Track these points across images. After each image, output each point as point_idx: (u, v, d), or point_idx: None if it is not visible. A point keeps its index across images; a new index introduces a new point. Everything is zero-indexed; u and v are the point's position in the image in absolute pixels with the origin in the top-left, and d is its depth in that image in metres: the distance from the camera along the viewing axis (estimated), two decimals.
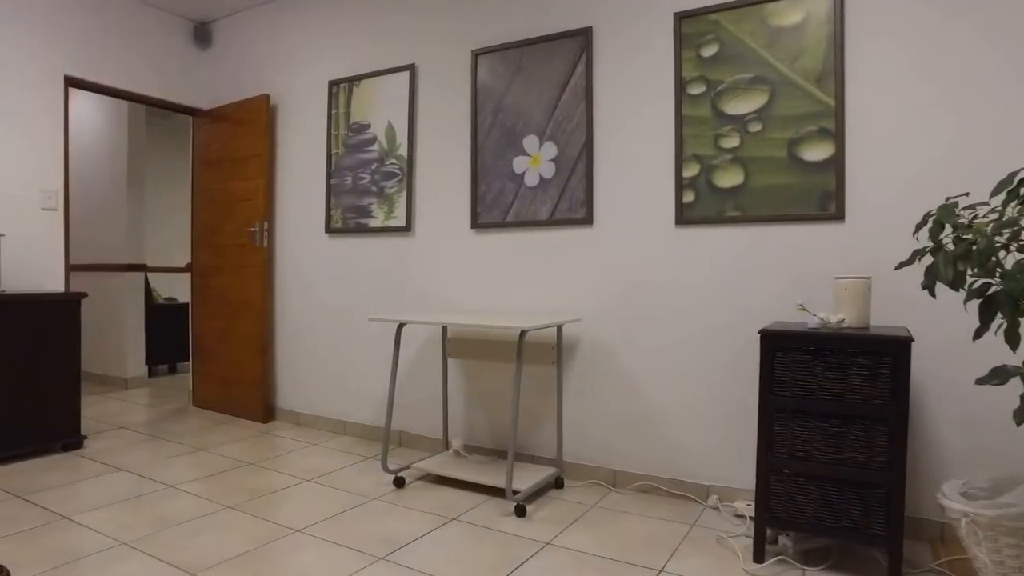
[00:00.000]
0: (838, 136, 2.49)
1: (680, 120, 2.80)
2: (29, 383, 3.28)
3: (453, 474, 2.89)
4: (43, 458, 3.29)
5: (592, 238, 3.03)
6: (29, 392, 3.28)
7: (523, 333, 2.62)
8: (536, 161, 3.15)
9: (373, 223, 3.69)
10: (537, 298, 3.18)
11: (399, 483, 2.94)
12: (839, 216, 2.50)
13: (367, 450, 3.52)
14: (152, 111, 6.77)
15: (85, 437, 3.53)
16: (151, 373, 5.83)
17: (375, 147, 3.68)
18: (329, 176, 3.88)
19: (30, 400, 3.28)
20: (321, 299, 3.96)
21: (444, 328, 3.34)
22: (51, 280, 3.74)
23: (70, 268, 3.85)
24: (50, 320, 3.35)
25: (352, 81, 3.78)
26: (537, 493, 2.86)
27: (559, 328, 3.03)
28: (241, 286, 4.18)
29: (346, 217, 3.80)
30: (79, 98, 5.64)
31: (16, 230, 3.62)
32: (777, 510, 2.16)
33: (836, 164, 2.49)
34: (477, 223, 3.33)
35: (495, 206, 3.28)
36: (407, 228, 3.56)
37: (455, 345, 3.30)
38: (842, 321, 2.16)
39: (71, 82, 3.89)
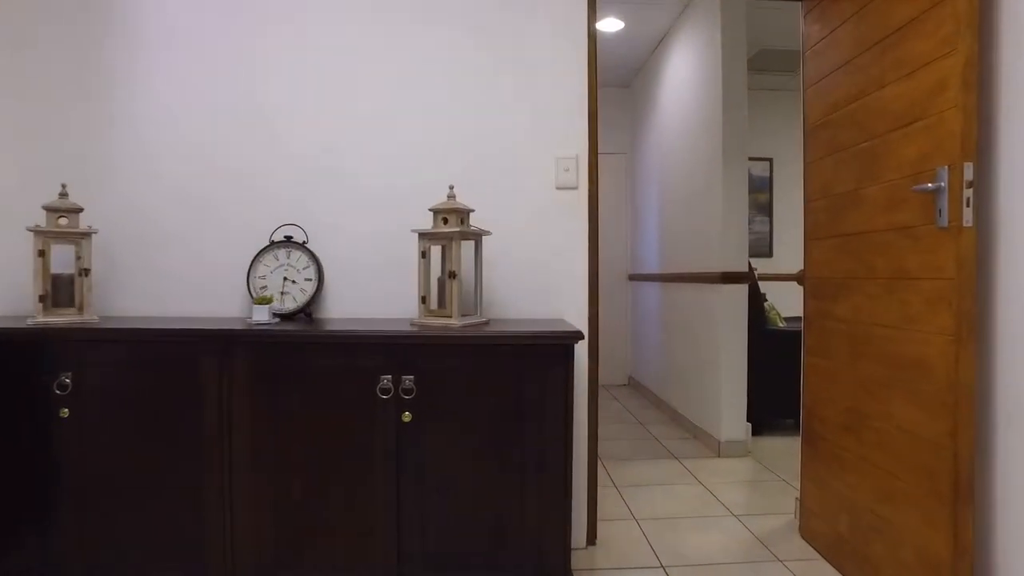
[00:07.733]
0: None
1: None
2: (493, 480, 1.89)
3: None
4: None
5: None
6: (491, 493, 1.89)
7: None
8: None
9: None
10: None
11: None
12: None
13: None
14: (755, 63, 5.05)
15: None
16: (757, 430, 4.05)
17: None
18: None
19: (493, 504, 1.89)
20: None
21: None
22: (567, 298, 2.35)
23: (596, 279, 2.37)
24: (530, 376, 1.89)
25: None
26: None
27: None
28: (900, 321, 1.90)
29: None
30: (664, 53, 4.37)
31: (516, 221, 2.35)
32: None
33: None
34: None
35: None
36: None
37: None
38: None
39: None
